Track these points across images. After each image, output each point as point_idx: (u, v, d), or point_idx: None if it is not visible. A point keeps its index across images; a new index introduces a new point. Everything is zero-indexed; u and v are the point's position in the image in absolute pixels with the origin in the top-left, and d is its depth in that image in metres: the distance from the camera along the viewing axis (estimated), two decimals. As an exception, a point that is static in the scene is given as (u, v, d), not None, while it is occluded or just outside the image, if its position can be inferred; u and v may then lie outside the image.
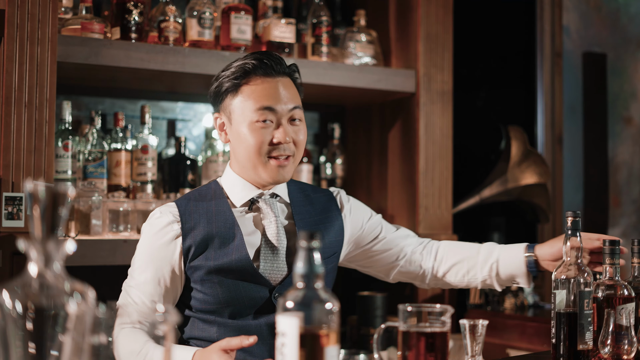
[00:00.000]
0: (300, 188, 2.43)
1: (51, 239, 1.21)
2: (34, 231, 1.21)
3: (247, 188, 2.29)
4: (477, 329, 1.90)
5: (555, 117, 4.60)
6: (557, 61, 4.62)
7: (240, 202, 2.29)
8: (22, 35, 2.81)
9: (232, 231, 2.25)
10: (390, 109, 3.82)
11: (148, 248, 2.25)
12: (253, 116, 2.22)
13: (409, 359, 1.72)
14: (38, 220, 1.20)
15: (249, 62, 2.24)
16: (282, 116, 2.24)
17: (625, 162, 4.97)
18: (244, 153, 2.26)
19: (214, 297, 2.22)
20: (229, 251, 2.22)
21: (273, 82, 2.25)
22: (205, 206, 2.28)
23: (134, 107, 3.61)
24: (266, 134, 2.22)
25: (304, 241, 1.49)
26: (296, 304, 1.46)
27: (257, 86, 2.23)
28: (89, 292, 1.21)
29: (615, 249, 2.21)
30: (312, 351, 1.45)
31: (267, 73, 2.24)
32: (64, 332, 1.20)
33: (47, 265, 1.20)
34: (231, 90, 2.26)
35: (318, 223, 2.36)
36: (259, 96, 2.22)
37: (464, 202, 4.04)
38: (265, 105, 2.22)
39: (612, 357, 2.07)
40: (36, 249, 1.21)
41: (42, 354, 1.19)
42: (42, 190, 1.19)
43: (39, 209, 1.20)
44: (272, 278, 2.25)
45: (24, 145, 2.81)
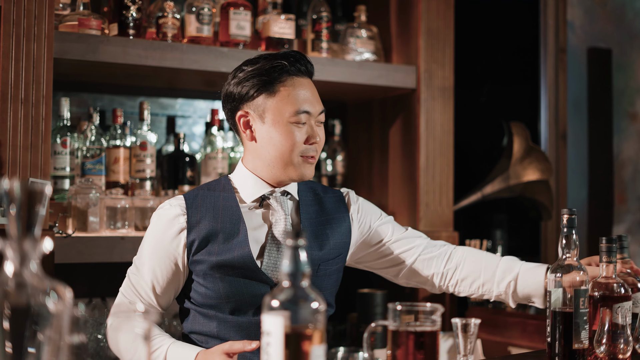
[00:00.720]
0: (310, 187, 2.44)
1: (28, 237, 1.20)
2: (9, 229, 1.20)
3: (258, 184, 2.31)
4: (470, 328, 1.88)
5: (559, 113, 4.57)
6: (561, 57, 4.59)
7: (251, 198, 2.30)
8: (19, 31, 2.80)
9: (237, 227, 2.26)
10: (391, 105, 3.80)
11: (153, 238, 2.29)
12: (291, 118, 2.25)
13: (398, 358, 1.70)
14: (13, 219, 1.19)
15: (281, 63, 2.27)
16: (313, 118, 2.29)
17: (631, 158, 4.94)
18: (275, 153, 2.27)
19: (215, 292, 2.23)
20: (232, 247, 2.23)
21: (305, 83, 2.30)
22: (213, 200, 2.30)
23: (132, 104, 3.60)
24: (301, 134, 2.27)
25: (290, 239, 1.47)
26: (282, 303, 1.44)
27: (294, 88, 2.27)
28: (66, 291, 1.20)
29: (612, 247, 2.19)
30: (297, 351, 1.44)
31: (301, 72, 2.30)
32: (41, 331, 1.18)
33: (24, 263, 1.19)
34: (265, 89, 2.27)
35: (324, 223, 2.37)
36: (298, 99, 2.26)
37: (466, 199, 4.01)
38: (304, 108, 2.26)
39: (608, 356, 2.05)
40: (12, 248, 1.19)
41: (19, 352, 1.18)
42: (17, 188, 1.18)
43: (15, 207, 1.19)
44: (274, 276, 2.25)
45: (20, 142, 2.80)
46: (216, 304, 2.25)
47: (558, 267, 2.14)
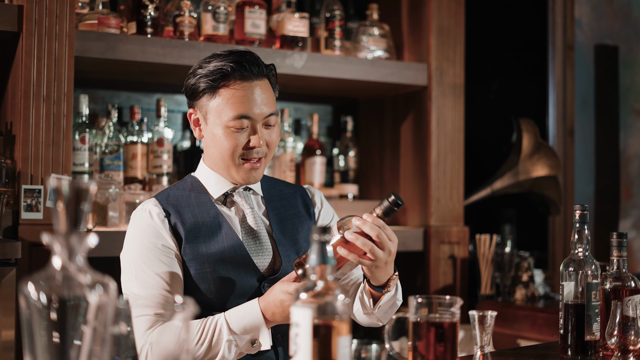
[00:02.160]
0: (272, 184, 2.46)
1: (74, 232, 1.26)
2: (57, 225, 1.26)
3: (221, 182, 2.32)
4: (486, 320, 1.94)
5: (567, 109, 4.62)
6: (569, 54, 4.64)
7: (215, 195, 2.32)
8: (40, 30, 2.87)
9: (217, 221, 2.27)
10: (402, 102, 3.86)
11: (140, 238, 2.23)
12: (229, 122, 2.23)
13: (419, 349, 1.77)
14: (62, 214, 1.25)
15: (227, 65, 2.24)
16: (257, 122, 2.25)
17: (637, 154, 4.99)
18: (217, 154, 2.28)
19: (207, 290, 2.21)
20: (220, 239, 2.25)
21: (250, 87, 2.24)
22: (186, 199, 2.30)
23: (149, 101, 3.66)
24: (241, 138, 2.24)
25: (316, 234, 1.53)
26: (309, 295, 1.50)
27: (235, 91, 2.23)
28: (110, 284, 1.26)
29: (623, 242, 2.25)
30: (324, 341, 1.50)
31: (245, 77, 2.24)
32: (86, 323, 1.24)
33: (70, 258, 1.25)
34: (208, 91, 2.26)
35: (294, 217, 2.40)
36: (237, 103, 2.23)
37: (476, 194, 4.07)
38: (242, 113, 2.22)
39: (619, 347, 2.11)
40: (60, 243, 1.25)
41: (65, 343, 1.24)
42: (66, 185, 1.24)
43: (62, 203, 1.25)
44: (259, 265, 2.27)
45: (42, 138, 2.86)
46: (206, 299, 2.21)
47: (570, 261, 2.20)
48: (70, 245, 1.26)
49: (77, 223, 1.27)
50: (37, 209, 2.85)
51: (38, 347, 1.23)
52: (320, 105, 4.09)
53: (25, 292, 1.21)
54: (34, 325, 1.23)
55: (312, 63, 3.41)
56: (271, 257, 2.29)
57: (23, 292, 1.22)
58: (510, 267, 3.79)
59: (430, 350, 1.76)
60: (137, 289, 2.19)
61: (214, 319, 2.14)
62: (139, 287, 2.19)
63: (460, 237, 3.72)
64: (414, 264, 3.71)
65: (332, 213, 2.52)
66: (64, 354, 1.24)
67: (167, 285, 2.18)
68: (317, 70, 3.43)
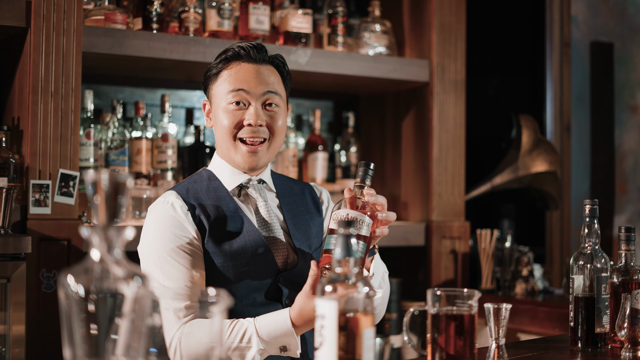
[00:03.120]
0: (282, 180, 2.48)
1: (112, 226, 1.28)
2: (96, 218, 1.28)
3: (235, 173, 2.33)
4: (501, 313, 1.97)
5: (564, 105, 4.66)
6: (566, 51, 4.68)
7: (230, 187, 2.33)
8: (49, 26, 2.88)
9: (237, 215, 2.29)
10: (404, 98, 3.89)
11: (161, 230, 2.22)
12: (227, 98, 2.26)
13: (439, 341, 1.79)
14: (101, 208, 1.27)
15: (230, 50, 2.31)
16: (253, 98, 2.26)
17: (632, 150, 5.04)
18: (219, 136, 2.31)
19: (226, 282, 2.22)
20: (241, 234, 2.26)
21: (253, 67, 2.29)
22: (205, 192, 2.30)
23: (152, 96, 3.67)
24: (238, 115, 2.27)
25: (341, 228, 1.55)
26: (335, 288, 1.53)
27: (236, 70, 2.28)
28: (147, 277, 1.28)
29: (631, 236, 2.29)
30: (350, 333, 1.53)
31: (250, 59, 2.29)
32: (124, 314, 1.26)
33: (109, 251, 1.27)
34: (213, 77, 2.33)
35: (305, 213, 2.42)
36: (234, 79, 2.27)
37: (476, 189, 4.11)
38: (238, 87, 2.26)
39: (629, 339, 2.15)
40: (99, 236, 1.27)
41: (103, 334, 1.26)
42: (106, 179, 1.26)
43: (102, 197, 1.27)
44: (277, 257, 2.28)
45: (50, 133, 2.88)
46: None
47: (580, 255, 2.24)
48: (109, 238, 1.28)
49: (115, 216, 1.29)
50: (45, 204, 2.87)
51: (76, 338, 1.25)
52: (321, 101, 4.11)
53: (64, 284, 1.23)
54: (72, 317, 1.25)
55: (316, 59, 3.43)
56: (285, 251, 2.31)
57: (62, 284, 1.23)
58: (510, 262, 3.82)
59: (450, 343, 1.79)
60: (164, 280, 2.18)
61: (243, 324, 2.12)
62: (164, 278, 2.18)
63: (462, 232, 3.75)
64: (416, 258, 3.74)
65: None
66: (101, 346, 1.26)
67: (192, 277, 2.18)
68: (321, 67, 3.45)
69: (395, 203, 3.84)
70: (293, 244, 2.33)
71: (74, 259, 2.88)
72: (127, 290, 1.26)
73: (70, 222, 2.90)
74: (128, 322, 1.26)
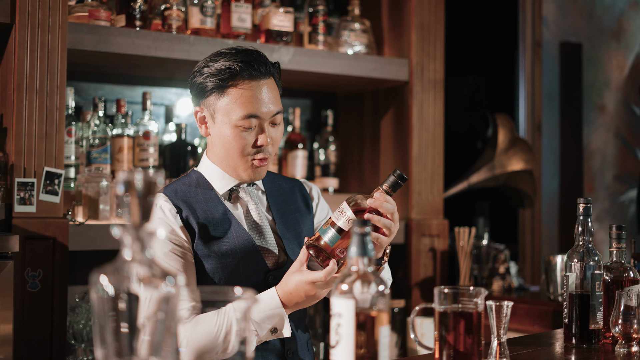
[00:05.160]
0: (271, 179, 2.48)
1: (144, 225, 1.28)
2: (129, 218, 1.27)
3: (226, 178, 2.33)
4: (503, 310, 1.99)
5: (535, 105, 4.73)
6: (537, 50, 4.75)
7: (221, 191, 2.33)
8: (34, 22, 2.85)
9: (226, 217, 2.29)
10: (382, 96, 3.91)
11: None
12: (238, 122, 2.24)
13: (447, 338, 1.82)
14: (134, 207, 1.27)
15: (236, 65, 2.25)
16: (265, 121, 2.26)
17: (599, 148, 5.13)
18: (224, 153, 2.29)
19: (214, 283, 2.23)
20: (230, 237, 2.26)
21: (258, 86, 2.26)
22: (194, 195, 2.30)
23: (132, 94, 3.65)
24: (249, 137, 2.26)
25: (356, 227, 1.56)
26: (351, 287, 1.54)
27: (244, 91, 2.24)
28: (179, 276, 1.28)
29: (622, 234, 2.33)
30: (367, 331, 1.54)
31: (254, 76, 2.26)
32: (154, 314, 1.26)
33: (141, 250, 1.27)
34: (216, 90, 2.27)
35: (295, 212, 2.43)
36: (246, 102, 2.24)
37: (453, 188, 4.15)
38: (251, 112, 2.24)
39: (622, 336, 2.19)
40: (131, 235, 1.27)
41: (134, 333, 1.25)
42: (140, 179, 1.26)
43: (135, 197, 1.27)
44: (265, 258, 2.29)
45: (35, 131, 2.85)
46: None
47: (574, 253, 2.28)
48: (141, 237, 1.27)
49: (146, 216, 1.29)
50: (30, 202, 2.84)
51: (107, 336, 1.25)
52: (298, 99, 4.11)
53: (95, 282, 1.23)
54: (103, 315, 1.24)
55: (299, 58, 3.44)
56: (276, 251, 2.32)
57: (93, 282, 1.23)
58: (487, 259, 3.87)
59: (459, 340, 1.81)
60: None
61: (227, 310, 2.10)
62: None
63: (440, 229, 3.79)
64: (395, 256, 3.76)
65: (327, 208, 2.56)
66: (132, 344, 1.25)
67: (185, 279, 2.18)
68: (303, 65, 3.45)
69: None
70: (283, 244, 2.34)
71: (59, 258, 2.86)
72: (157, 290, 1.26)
73: (56, 220, 2.87)
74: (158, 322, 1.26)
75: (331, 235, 2.11)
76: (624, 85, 5.26)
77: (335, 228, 2.10)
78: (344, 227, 2.10)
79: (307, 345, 2.39)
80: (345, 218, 2.10)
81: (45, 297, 2.84)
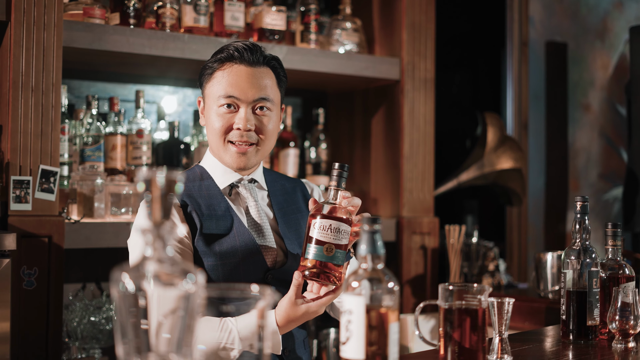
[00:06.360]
0: (274, 178, 2.50)
1: (165, 222, 1.29)
2: (151, 216, 1.28)
3: (227, 172, 2.35)
4: (504, 307, 2.02)
5: (522, 103, 4.77)
6: (524, 50, 4.79)
7: (222, 186, 2.35)
8: (29, 20, 2.84)
9: (228, 214, 2.31)
10: (373, 95, 3.93)
11: None
12: (219, 101, 2.28)
13: (452, 334, 1.84)
14: (156, 205, 1.28)
15: (225, 50, 2.31)
16: (244, 103, 2.28)
17: (584, 147, 5.18)
18: (210, 136, 2.33)
19: (216, 280, 2.24)
20: (231, 234, 2.28)
21: (246, 71, 2.29)
22: (198, 189, 2.32)
23: (124, 92, 3.64)
24: (228, 118, 2.29)
25: (366, 225, 1.58)
26: (361, 284, 1.56)
27: (229, 73, 2.29)
28: (199, 274, 1.29)
29: (618, 232, 2.37)
30: (377, 328, 1.56)
31: (245, 61, 2.29)
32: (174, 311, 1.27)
33: (163, 247, 1.28)
34: (207, 76, 2.33)
35: (296, 212, 2.44)
36: (226, 83, 2.28)
37: (443, 186, 4.18)
38: (229, 92, 2.27)
39: (619, 332, 2.23)
40: (152, 234, 1.28)
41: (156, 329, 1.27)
42: (162, 177, 1.27)
43: (156, 195, 1.28)
44: (266, 257, 2.31)
45: (31, 129, 2.84)
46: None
47: (571, 250, 2.31)
48: (162, 235, 1.28)
49: (167, 214, 1.30)
50: (26, 200, 2.83)
51: (129, 333, 1.26)
52: (290, 97, 4.13)
53: (116, 280, 1.24)
54: (124, 312, 1.25)
55: (292, 56, 3.45)
56: (275, 251, 2.32)
57: (115, 279, 1.24)
58: (477, 257, 3.90)
59: (464, 336, 1.83)
60: None
61: (228, 325, 2.11)
62: None
63: (431, 227, 3.82)
64: (386, 254, 3.78)
65: None
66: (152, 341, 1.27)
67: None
68: (296, 64, 3.47)
69: (364, 199, 3.88)
70: (283, 243, 2.35)
71: (55, 256, 2.85)
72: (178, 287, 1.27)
73: (51, 218, 2.87)
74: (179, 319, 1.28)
75: (315, 250, 2.08)
76: (609, 85, 5.31)
77: (313, 242, 2.07)
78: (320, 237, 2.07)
79: (304, 343, 2.40)
80: (318, 226, 2.07)
81: (41, 295, 2.84)
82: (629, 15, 5.43)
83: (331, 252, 2.07)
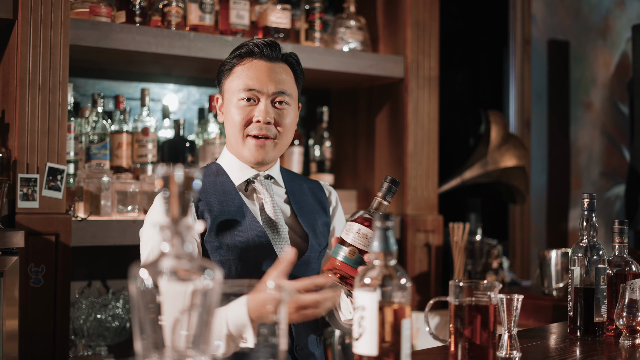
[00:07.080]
0: (292, 177, 2.51)
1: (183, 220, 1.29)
2: (169, 212, 1.29)
3: (243, 168, 2.36)
4: (513, 303, 2.03)
5: (525, 102, 4.78)
6: (526, 48, 4.80)
7: (237, 182, 2.36)
8: (36, 18, 2.85)
9: (241, 210, 2.31)
10: (377, 93, 3.94)
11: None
12: (239, 94, 2.31)
13: (462, 331, 1.85)
14: (174, 202, 1.29)
15: (244, 46, 2.34)
16: (264, 95, 2.31)
17: (586, 145, 5.19)
18: (230, 131, 2.35)
19: (228, 276, 2.23)
20: (243, 230, 2.28)
21: (265, 65, 2.33)
22: (212, 185, 2.34)
23: (129, 90, 3.65)
24: (248, 111, 2.31)
25: (379, 222, 1.59)
26: (374, 280, 1.57)
27: (249, 67, 2.32)
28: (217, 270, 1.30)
29: (624, 229, 2.38)
30: (390, 324, 1.57)
31: (264, 56, 2.33)
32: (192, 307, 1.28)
33: (181, 244, 1.28)
34: (226, 71, 2.36)
35: (313, 212, 2.45)
36: (246, 76, 2.31)
37: (447, 184, 4.19)
38: (250, 85, 2.30)
39: (627, 328, 2.24)
40: (170, 230, 1.28)
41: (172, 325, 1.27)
42: (180, 175, 1.28)
43: (174, 192, 1.28)
44: (278, 252, 2.30)
45: (38, 127, 2.85)
46: None
47: (578, 247, 2.32)
48: (180, 232, 1.29)
49: (185, 210, 1.31)
50: (33, 198, 2.84)
51: (147, 329, 1.27)
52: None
53: (134, 276, 1.25)
54: (142, 308, 1.26)
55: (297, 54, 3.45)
56: (289, 246, 2.32)
57: (133, 276, 1.25)
58: (481, 255, 3.91)
59: (475, 332, 1.84)
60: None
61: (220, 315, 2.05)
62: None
63: (435, 225, 3.83)
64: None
65: (342, 214, 2.56)
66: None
67: None
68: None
69: (368, 197, 3.89)
70: (299, 240, 2.35)
71: (62, 254, 2.86)
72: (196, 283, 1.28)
73: (58, 216, 2.87)
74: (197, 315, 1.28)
75: (344, 253, 2.08)
76: (610, 83, 5.32)
77: (346, 245, 2.08)
78: (355, 242, 2.09)
79: (317, 340, 2.40)
80: (354, 232, 2.09)
81: (48, 292, 2.85)
82: (631, 13, 5.44)
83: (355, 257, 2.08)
